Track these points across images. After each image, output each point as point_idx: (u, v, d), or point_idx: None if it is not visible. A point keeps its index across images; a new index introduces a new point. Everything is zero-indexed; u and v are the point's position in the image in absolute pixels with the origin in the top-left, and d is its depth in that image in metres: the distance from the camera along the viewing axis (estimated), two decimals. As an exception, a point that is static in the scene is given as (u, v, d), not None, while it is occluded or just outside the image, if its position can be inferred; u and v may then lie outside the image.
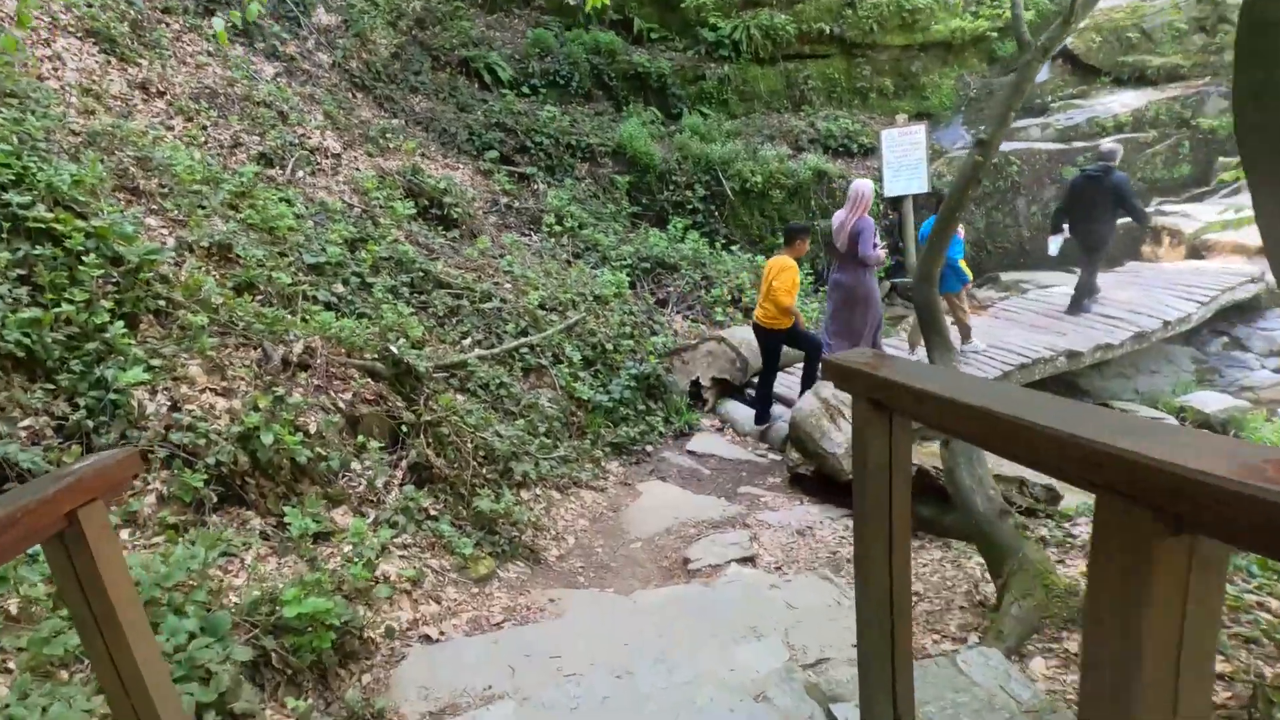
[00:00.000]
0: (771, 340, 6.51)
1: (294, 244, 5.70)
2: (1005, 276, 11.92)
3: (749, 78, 12.28)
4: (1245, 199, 9.33)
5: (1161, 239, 11.73)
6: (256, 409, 3.68)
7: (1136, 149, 12.17)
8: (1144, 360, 9.38)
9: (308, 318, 4.87)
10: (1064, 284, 10.74)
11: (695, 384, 7.45)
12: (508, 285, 7.07)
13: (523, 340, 6.32)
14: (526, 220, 9.84)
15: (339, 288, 5.64)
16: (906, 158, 11.85)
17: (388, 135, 9.24)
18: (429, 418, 4.76)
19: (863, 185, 6.73)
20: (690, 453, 6.50)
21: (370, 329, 5.12)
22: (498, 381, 5.72)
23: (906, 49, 12.77)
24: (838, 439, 5.46)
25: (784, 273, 6.18)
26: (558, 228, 9.46)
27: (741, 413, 7.24)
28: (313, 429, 3.89)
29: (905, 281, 11.86)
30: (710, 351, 7.48)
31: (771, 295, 6.22)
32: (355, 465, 4.11)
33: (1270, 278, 9.55)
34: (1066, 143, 12.22)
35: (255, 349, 4.16)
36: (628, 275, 8.66)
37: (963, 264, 7.94)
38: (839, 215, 6.77)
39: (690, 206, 10.92)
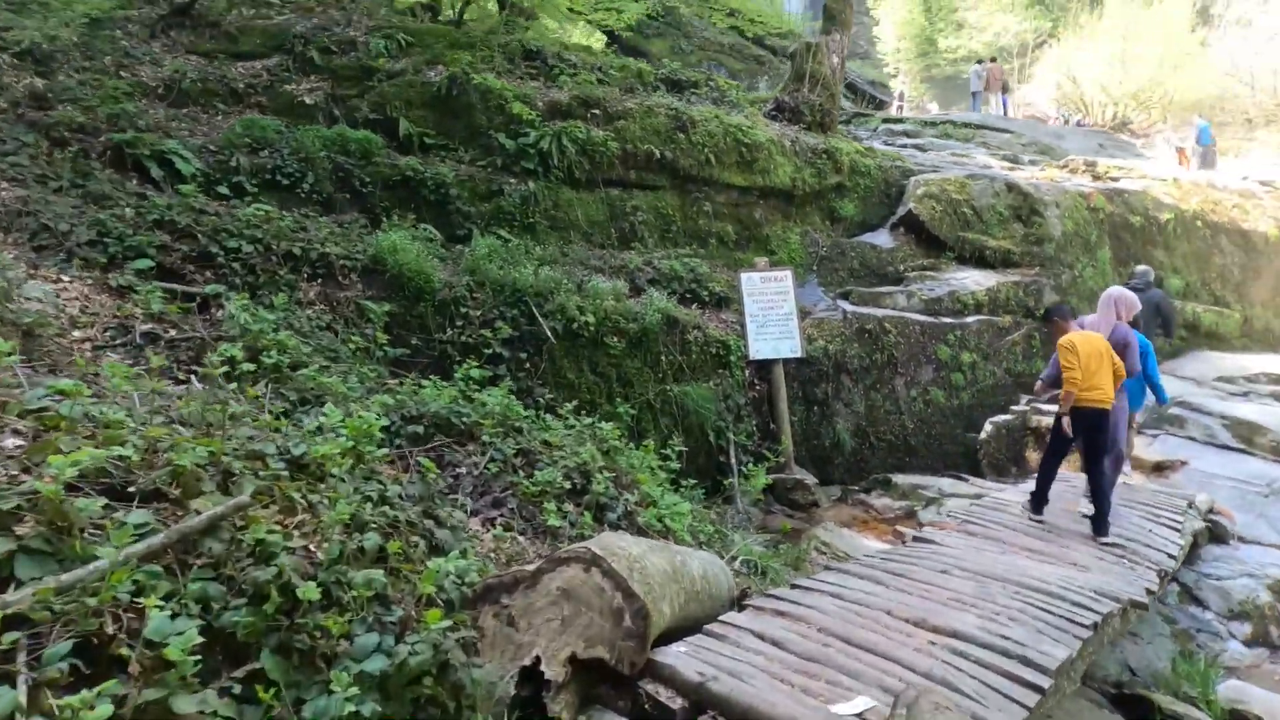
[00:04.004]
0: (1106, 423, 5.87)
1: None
2: (900, 480, 9.02)
3: (562, 201, 9.17)
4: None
5: (1047, 442, 9.67)
6: None
7: (997, 335, 10.50)
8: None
9: None
10: (973, 492, 8.15)
11: (530, 675, 3.14)
12: (13, 440, 2.55)
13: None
14: (189, 355, 5.34)
15: None
16: (773, 310, 8.99)
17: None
18: None
19: (1123, 290, 6.56)
20: None
21: None
22: None
23: (746, 191, 10.54)
24: None
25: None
26: (248, 366, 5.02)
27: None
28: None
29: (787, 478, 8.53)
30: (565, 591, 3.27)
31: (1119, 371, 5.80)
32: None
33: (1203, 498, 7.48)
34: (934, 315, 10.27)
35: None
36: (385, 441, 4.35)
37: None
38: (1093, 321, 6.40)
39: (490, 352, 7.01)
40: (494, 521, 4.70)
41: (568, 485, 5.18)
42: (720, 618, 4.05)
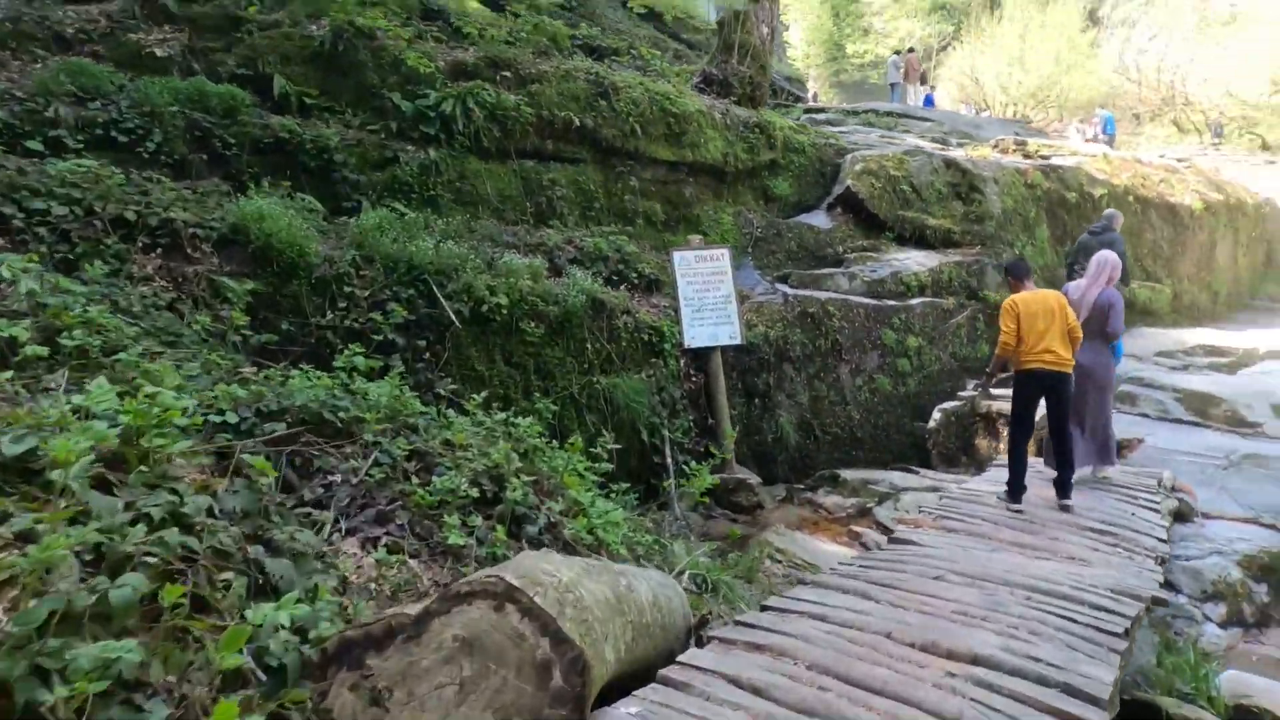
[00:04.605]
0: (1066, 386, 5.61)
1: None
2: (848, 475, 8.23)
3: (469, 172, 8.05)
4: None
5: (998, 429, 9.09)
6: None
7: (941, 317, 9.97)
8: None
9: None
10: (926, 485, 7.52)
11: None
12: None
13: None
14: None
15: None
16: (709, 293, 8.09)
17: None
18: None
19: (1116, 257, 6.47)
20: None
21: None
22: None
23: (675, 167, 9.66)
24: None
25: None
26: (35, 351, 3.74)
27: None
28: None
29: (729, 478, 7.64)
30: (466, 642, 2.23)
31: (1074, 331, 5.55)
32: None
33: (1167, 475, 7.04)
34: (877, 298, 9.63)
35: None
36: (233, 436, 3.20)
37: None
38: (1078, 285, 6.43)
39: (381, 338, 5.84)
40: (377, 542, 3.58)
41: (475, 493, 4.10)
42: (679, 658, 3.08)
